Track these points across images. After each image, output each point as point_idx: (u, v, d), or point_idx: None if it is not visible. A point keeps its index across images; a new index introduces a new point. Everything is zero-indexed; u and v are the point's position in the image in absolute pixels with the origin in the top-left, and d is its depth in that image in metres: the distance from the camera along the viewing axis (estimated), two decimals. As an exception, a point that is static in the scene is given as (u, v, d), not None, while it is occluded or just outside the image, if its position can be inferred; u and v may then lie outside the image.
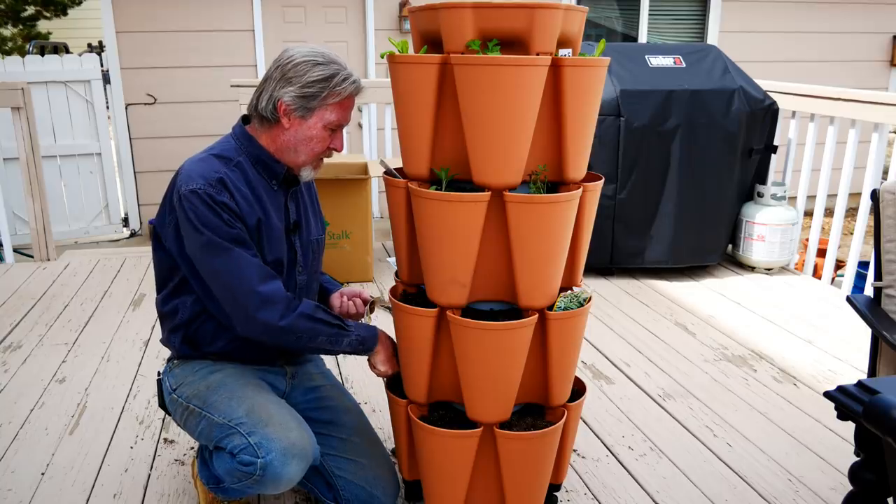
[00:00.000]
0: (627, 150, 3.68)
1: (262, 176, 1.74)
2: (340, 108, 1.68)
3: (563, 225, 1.60)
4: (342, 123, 1.71)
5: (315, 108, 1.66)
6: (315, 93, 1.64)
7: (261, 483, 1.61)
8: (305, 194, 1.88)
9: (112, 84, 5.56)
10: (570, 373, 1.78)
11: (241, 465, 1.60)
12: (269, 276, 1.66)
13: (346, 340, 1.73)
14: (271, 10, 5.78)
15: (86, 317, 3.36)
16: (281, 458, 1.58)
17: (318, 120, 1.67)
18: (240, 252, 1.63)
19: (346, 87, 1.66)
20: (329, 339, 1.72)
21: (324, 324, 1.71)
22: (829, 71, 6.90)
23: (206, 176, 1.63)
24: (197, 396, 1.75)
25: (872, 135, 3.66)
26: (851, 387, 1.27)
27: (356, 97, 1.71)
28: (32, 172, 4.19)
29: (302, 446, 1.63)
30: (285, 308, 1.65)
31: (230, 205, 1.64)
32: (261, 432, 1.61)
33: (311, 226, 1.88)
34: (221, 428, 1.67)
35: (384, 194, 1.82)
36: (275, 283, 1.66)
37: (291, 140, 1.70)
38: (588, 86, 1.57)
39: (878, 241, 1.85)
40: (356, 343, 1.76)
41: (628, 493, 2.09)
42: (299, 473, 1.63)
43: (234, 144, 1.74)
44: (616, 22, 6.70)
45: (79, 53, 6.14)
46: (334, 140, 1.73)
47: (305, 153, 1.71)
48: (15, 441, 2.32)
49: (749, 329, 3.31)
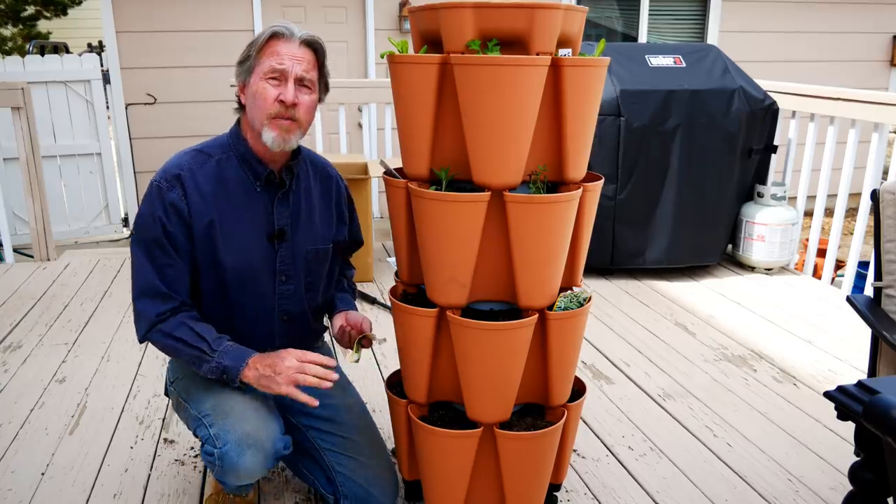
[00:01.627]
0: (627, 150, 3.68)
1: (248, 175, 1.73)
2: (268, 54, 1.65)
3: (563, 225, 1.60)
4: (277, 68, 1.63)
5: (251, 68, 1.67)
6: (245, 56, 1.69)
7: (223, 472, 1.63)
8: (303, 200, 1.81)
9: (112, 84, 5.56)
10: (570, 373, 1.78)
11: (206, 454, 1.65)
12: (150, 291, 1.66)
13: (206, 367, 1.65)
14: (271, 10, 5.78)
15: (86, 317, 3.36)
16: (236, 449, 1.59)
17: (255, 76, 1.66)
18: (142, 258, 1.67)
19: (264, 35, 1.66)
20: (191, 361, 1.67)
21: (183, 344, 1.65)
22: (829, 71, 6.89)
23: (166, 170, 1.69)
24: (185, 389, 1.80)
25: (872, 135, 3.66)
26: (851, 387, 1.27)
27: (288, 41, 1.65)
28: (32, 172, 4.19)
29: (256, 437, 1.62)
30: (149, 324, 1.66)
31: (176, 202, 1.65)
32: (219, 423, 1.64)
33: (306, 233, 1.81)
34: (195, 420, 1.72)
35: (384, 194, 1.81)
36: (150, 300, 1.66)
37: (250, 109, 1.69)
38: (588, 86, 1.57)
39: (878, 241, 1.85)
40: (217, 371, 1.65)
41: (628, 493, 2.09)
42: (257, 464, 1.62)
43: (227, 142, 1.75)
44: (616, 22, 6.70)
45: (79, 53, 6.13)
46: (280, 90, 1.64)
47: (257, 114, 1.66)
48: (15, 441, 2.32)
49: (749, 329, 3.31)
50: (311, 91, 1.70)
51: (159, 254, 1.67)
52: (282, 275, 1.78)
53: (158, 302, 1.67)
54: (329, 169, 1.92)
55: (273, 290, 1.78)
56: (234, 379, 1.65)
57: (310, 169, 1.86)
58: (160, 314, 1.66)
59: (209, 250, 1.69)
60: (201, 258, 1.70)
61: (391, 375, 1.98)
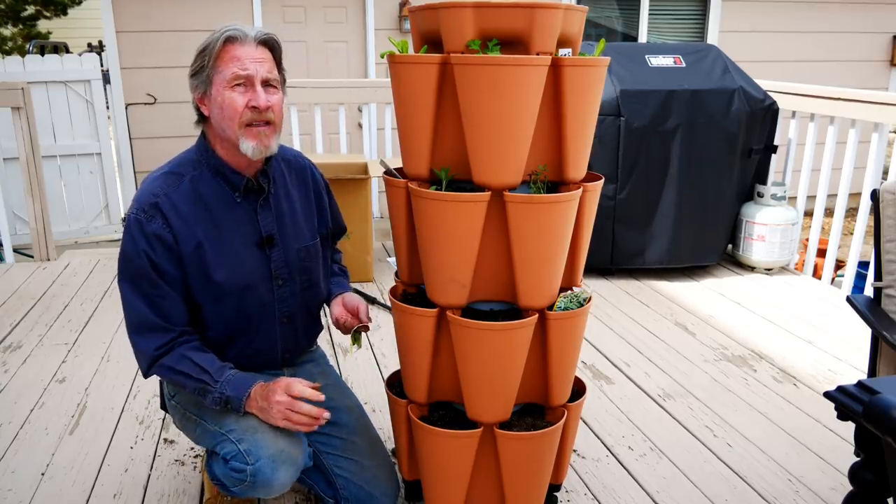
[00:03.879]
0: (627, 150, 3.68)
1: (225, 187, 1.69)
2: (227, 61, 1.58)
3: (563, 225, 1.60)
4: (241, 74, 1.57)
5: (210, 78, 1.59)
6: (199, 66, 1.61)
7: (253, 488, 1.61)
8: (284, 201, 1.78)
9: (112, 84, 5.56)
10: (570, 373, 1.78)
11: (233, 471, 1.61)
12: (144, 327, 1.64)
13: (210, 398, 1.63)
14: (271, 9, 5.78)
15: (86, 317, 3.36)
16: (270, 465, 1.59)
17: (217, 86, 1.59)
18: (131, 293, 1.63)
19: (217, 41, 1.58)
20: (196, 392, 1.65)
21: (186, 377, 1.63)
22: (829, 71, 6.89)
23: (141, 200, 1.63)
24: (193, 403, 1.76)
25: (872, 135, 3.66)
26: (851, 387, 1.27)
27: (244, 44, 1.59)
28: (32, 172, 4.19)
29: (290, 452, 1.62)
30: (149, 360, 1.64)
31: (160, 233, 1.60)
32: (250, 439, 1.61)
33: (293, 234, 1.79)
34: (214, 435, 1.69)
35: (384, 194, 1.81)
36: (146, 335, 1.64)
37: (217, 120, 1.62)
38: (588, 85, 1.57)
39: (878, 241, 1.85)
40: (220, 401, 1.63)
41: (628, 493, 2.09)
42: (290, 478, 1.63)
43: (195, 157, 1.70)
44: (616, 22, 6.70)
45: (79, 53, 6.13)
46: (249, 97, 1.58)
47: (228, 124, 1.60)
48: (15, 441, 2.32)
49: (749, 329, 3.31)
50: (277, 90, 1.65)
51: (149, 288, 1.62)
52: (278, 279, 1.77)
53: (156, 335, 1.63)
54: (301, 160, 1.89)
55: (272, 295, 1.77)
56: (238, 409, 1.64)
57: (283, 166, 1.82)
58: (158, 348, 1.63)
59: (201, 271, 1.66)
60: (194, 280, 1.66)
61: (391, 375, 1.97)
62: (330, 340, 3.05)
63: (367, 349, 2.98)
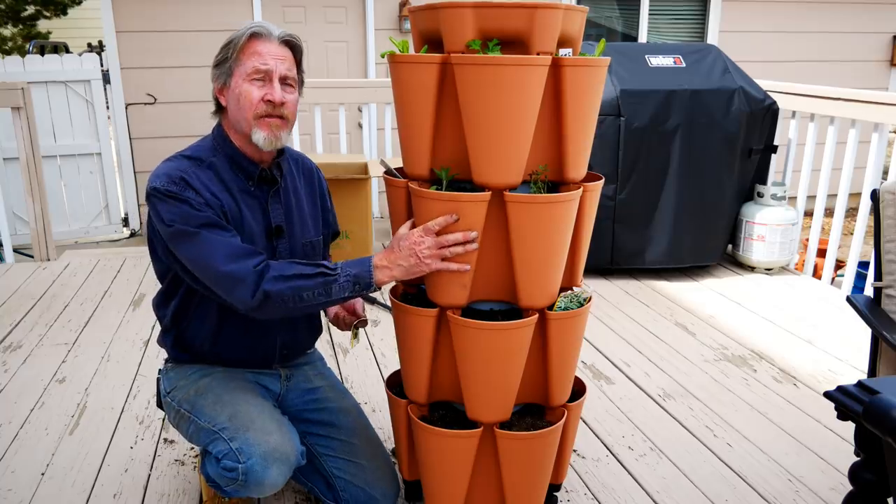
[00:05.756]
0: (627, 150, 3.68)
1: (239, 176, 1.72)
2: (248, 55, 1.64)
3: (563, 225, 1.60)
4: (261, 69, 1.63)
5: (231, 70, 1.65)
6: (223, 58, 1.67)
7: (245, 487, 1.61)
8: (292, 195, 1.82)
9: (112, 84, 5.56)
10: (570, 373, 1.78)
11: (225, 470, 1.61)
12: (235, 254, 1.58)
13: (337, 286, 1.58)
14: (271, 9, 5.78)
15: (86, 317, 3.36)
16: (261, 463, 1.58)
17: (237, 77, 1.65)
18: (206, 235, 1.58)
19: (243, 36, 1.64)
20: (318, 293, 1.58)
21: (302, 278, 1.57)
22: (829, 71, 6.90)
23: (169, 174, 1.63)
24: (187, 400, 1.76)
25: (872, 135, 3.66)
26: (851, 387, 1.27)
27: (268, 40, 1.65)
28: (32, 172, 4.19)
29: (282, 451, 1.61)
30: (255, 281, 1.56)
31: (195, 199, 1.61)
32: (241, 437, 1.61)
33: (300, 227, 1.82)
34: (207, 433, 1.68)
35: (384, 194, 1.81)
36: (241, 260, 1.57)
37: (233, 111, 1.67)
38: (588, 86, 1.57)
39: (878, 241, 1.85)
40: (349, 285, 1.58)
41: (628, 494, 2.09)
42: (282, 477, 1.62)
43: (211, 144, 1.73)
44: (616, 22, 6.70)
45: (79, 53, 6.13)
46: (266, 91, 1.64)
47: (244, 116, 1.65)
48: (15, 441, 2.32)
49: (749, 329, 3.31)
50: (294, 89, 1.71)
51: (219, 229, 1.60)
52: None
53: (249, 258, 1.58)
54: (308, 161, 1.95)
55: None
56: (369, 284, 1.59)
57: (291, 164, 1.87)
58: (257, 265, 1.57)
59: None
60: None
61: (391, 375, 1.97)
62: (329, 341, 3.05)
63: (367, 349, 2.98)
